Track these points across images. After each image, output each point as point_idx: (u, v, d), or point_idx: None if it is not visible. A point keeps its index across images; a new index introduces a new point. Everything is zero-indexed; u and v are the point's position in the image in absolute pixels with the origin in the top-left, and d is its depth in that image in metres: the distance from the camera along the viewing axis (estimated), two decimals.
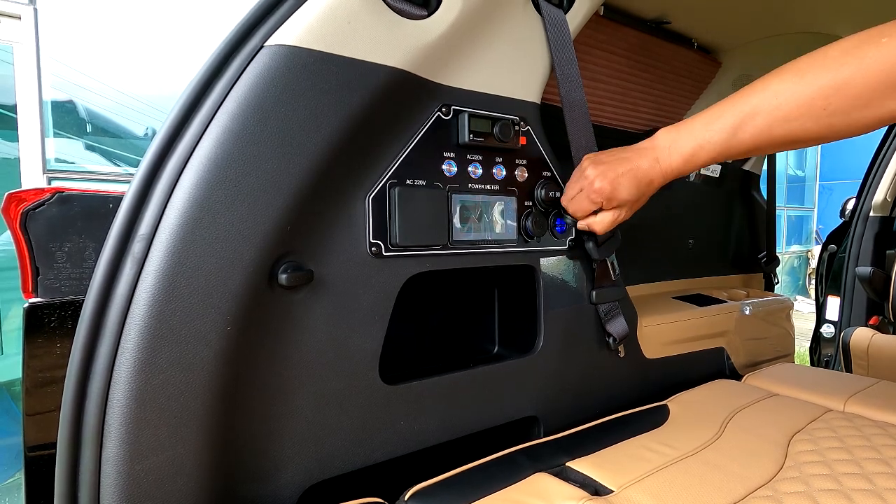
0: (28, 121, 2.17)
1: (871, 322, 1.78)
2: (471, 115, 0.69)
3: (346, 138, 0.57)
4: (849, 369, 1.53)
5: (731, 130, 0.60)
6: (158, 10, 2.45)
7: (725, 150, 0.62)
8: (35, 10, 2.13)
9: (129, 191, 0.48)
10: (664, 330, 1.03)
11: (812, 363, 1.97)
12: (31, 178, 2.18)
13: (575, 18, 0.77)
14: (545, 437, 0.76)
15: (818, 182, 8.93)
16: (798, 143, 0.58)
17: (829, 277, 1.91)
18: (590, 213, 0.74)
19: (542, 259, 0.80)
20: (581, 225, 0.77)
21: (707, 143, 0.62)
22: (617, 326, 0.88)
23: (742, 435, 0.74)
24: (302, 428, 0.59)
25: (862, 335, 1.50)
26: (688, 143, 0.64)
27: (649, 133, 1.22)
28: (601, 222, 0.74)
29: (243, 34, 0.52)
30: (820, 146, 8.69)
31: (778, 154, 2.15)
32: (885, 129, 1.78)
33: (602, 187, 0.69)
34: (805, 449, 0.69)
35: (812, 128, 0.55)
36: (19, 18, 2.10)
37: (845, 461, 0.65)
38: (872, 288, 1.74)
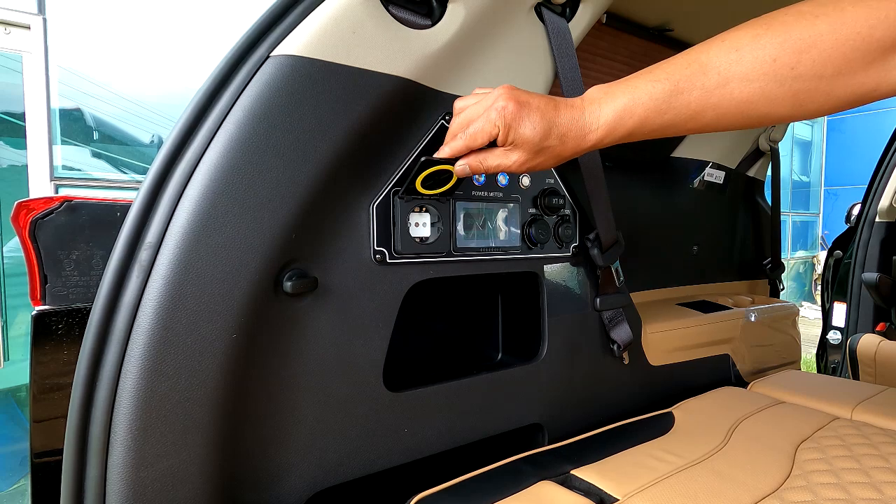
0: (36, 128, 2.19)
1: (878, 328, 1.77)
2: None
3: (350, 147, 0.58)
4: (856, 376, 1.52)
5: (675, 88, 0.49)
6: (166, 19, 2.48)
7: (664, 112, 0.50)
8: (44, 20, 2.16)
9: (136, 199, 0.49)
10: (669, 337, 1.03)
11: (819, 370, 1.95)
12: (39, 185, 2.20)
13: (577, 26, 0.78)
14: (549, 444, 0.76)
15: (823, 187, 8.90)
16: (755, 116, 0.48)
17: (836, 283, 1.90)
18: (479, 145, 0.58)
19: (545, 266, 0.80)
20: (469, 164, 0.59)
21: (645, 100, 0.51)
22: (621, 333, 0.88)
23: (748, 443, 0.73)
24: (306, 435, 0.59)
25: (869, 342, 1.48)
26: (620, 98, 0.52)
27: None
28: (490, 158, 0.58)
29: (250, 44, 0.52)
30: (825, 150, 8.74)
31: (782, 159, 2.14)
32: (890, 133, 1.77)
33: (506, 107, 0.54)
34: (812, 457, 0.69)
35: (776, 93, 0.46)
36: (29, 28, 2.13)
37: (853, 470, 0.64)
38: (879, 294, 1.72)
